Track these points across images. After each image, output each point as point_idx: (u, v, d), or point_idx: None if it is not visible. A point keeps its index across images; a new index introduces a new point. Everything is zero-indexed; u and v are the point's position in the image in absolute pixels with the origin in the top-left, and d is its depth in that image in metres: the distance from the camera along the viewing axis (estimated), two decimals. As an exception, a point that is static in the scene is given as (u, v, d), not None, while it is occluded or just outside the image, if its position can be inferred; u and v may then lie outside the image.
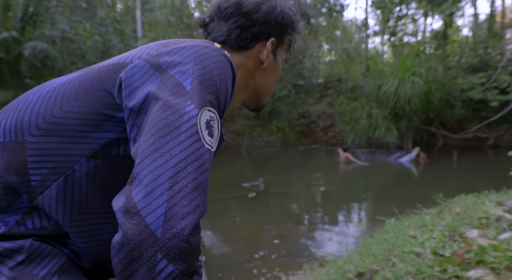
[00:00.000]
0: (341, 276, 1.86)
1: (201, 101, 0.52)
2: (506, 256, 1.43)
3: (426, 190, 4.79)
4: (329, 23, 19.23)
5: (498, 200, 2.64)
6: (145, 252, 0.41)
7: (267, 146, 14.57)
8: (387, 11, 14.29)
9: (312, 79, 15.73)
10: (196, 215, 0.44)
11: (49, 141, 0.55)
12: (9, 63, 10.68)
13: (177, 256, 0.42)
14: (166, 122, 0.48)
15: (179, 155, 0.46)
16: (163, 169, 0.44)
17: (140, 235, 0.41)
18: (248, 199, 5.80)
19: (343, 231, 4.46)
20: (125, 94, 0.55)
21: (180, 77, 0.53)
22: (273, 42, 0.75)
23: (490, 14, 15.57)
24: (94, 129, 0.56)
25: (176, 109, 0.49)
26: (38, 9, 11.34)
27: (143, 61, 0.57)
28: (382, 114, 12.60)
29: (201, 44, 0.60)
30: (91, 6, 13.58)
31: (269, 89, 0.81)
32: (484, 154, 11.89)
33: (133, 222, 0.42)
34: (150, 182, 0.44)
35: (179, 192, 0.44)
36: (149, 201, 0.42)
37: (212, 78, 0.55)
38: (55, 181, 0.55)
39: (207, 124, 0.51)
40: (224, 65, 0.59)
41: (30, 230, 0.55)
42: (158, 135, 0.47)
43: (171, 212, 0.42)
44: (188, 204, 0.44)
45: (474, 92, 11.84)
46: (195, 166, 0.47)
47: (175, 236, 0.42)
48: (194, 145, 0.48)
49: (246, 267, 3.21)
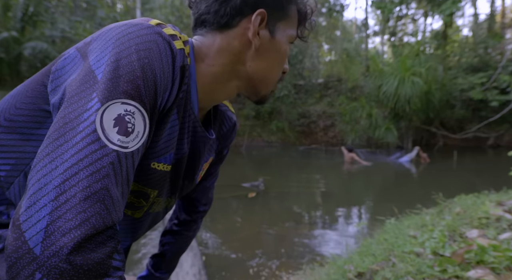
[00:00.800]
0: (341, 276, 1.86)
1: (109, 93, 0.43)
2: (506, 256, 1.43)
3: (426, 190, 4.79)
4: (329, 23, 19.21)
5: (498, 200, 2.64)
6: (22, 271, 0.36)
7: (267, 146, 14.57)
8: (387, 11, 14.30)
9: (312, 79, 15.74)
10: (82, 231, 0.37)
11: (8, 138, 0.55)
12: (9, 63, 10.69)
13: (58, 276, 0.35)
14: (64, 121, 0.42)
15: (70, 160, 0.39)
16: (51, 177, 0.39)
17: (17, 251, 0.36)
18: (248, 199, 5.80)
19: (343, 231, 4.46)
20: (51, 88, 0.51)
21: (94, 64, 0.46)
22: (261, 14, 0.60)
23: (490, 14, 15.57)
24: (40, 126, 0.54)
25: (79, 105, 0.43)
26: (38, 9, 11.36)
27: (76, 51, 0.52)
28: (382, 114, 12.61)
29: (130, 23, 0.51)
30: (91, 6, 13.59)
31: (267, 75, 0.65)
32: (484, 154, 11.89)
33: (13, 236, 0.37)
34: (35, 192, 0.38)
35: (65, 204, 0.37)
36: (31, 214, 0.37)
37: (130, 63, 0.46)
38: (16, 178, 0.55)
39: (117, 120, 0.43)
40: (154, 45, 0.49)
41: None
42: (53, 137, 0.41)
43: (53, 227, 0.36)
44: (74, 217, 0.37)
45: (474, 92, 11.84)
46: (88, 172, 0.39)
47: (54, 255, 0.36)
48: (89, 147, 0.40)
49: (246, 267, 3.21)
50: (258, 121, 15.08)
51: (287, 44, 0.65)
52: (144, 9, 16.35)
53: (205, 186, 0.93)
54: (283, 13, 0.63)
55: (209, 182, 0.93)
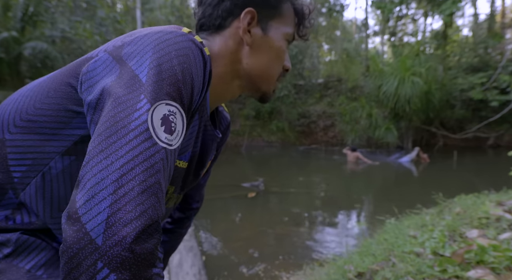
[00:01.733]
0: (341, 276, 1.86)
1: (156, 95, 0.47)
2: (506, 256, 1.43)
3: (426, 190, 4.79)
4: (329, 23, 19.23)
5: (498, 200, 2.64)
6: (84, 261, 0.38)
7: (267, 146, 14.57)
8: (387, 11, 14.30)
9: (312, 79, 15.75)
10: (141, 221, 0.40)
11: (25, 138, 0.55)
12: (9, 63, 10.68)
13: (119, 265, 0.38)
14: (114, 120, 0.44)
15: (126, 156, 0.42)
16: (107, 172, 0.41)
17: (79, 242, 0.38)
18: (248, 199, 5.80)
19: (343, 231, 4.46)
20: (84, 88, 0.53)
21: (137, 69, 0.49)
22: (250, 12, 0.64)
23: (490, 14, 15.58)
24: (64, 126, 0.55)
25: (127, 105, 0.45)
26: (38, 9, 11.35)
27: (107, 54, 0.54)
28: (382, 114, 12.61)
29: (165, 29, 0.54)
30: (91, 6, 13.58)
31: (265, 71, 0.68)
32: (484, 154, 11.89)
33: (73, 229, 0.39)
34: (93, 186, 0.40)
35: (124, 197, 0.40)
36: (90, 207, 0.39)
37: (172, 68, 0.49)
38: (33, 178, 0.55)
39: (163, 119, 0.46)
40: (189, 51, 0.53)
41: (18, 225, 0.55)
42: (105, 135, 0.43)
43: (114, 218, 0.39)
44: (133, 209, 0.40)
45: (474, 92, 11.85)
46: (143, 167, 0.42)
47: (117, 244, 0.38)
48: (143, 144, 0.43)
49: (246, 267, 3.22)
50: (258, 121, 15.09)
51: (282, 41, 0.68)
52: (144, 9, 16.36)
53: (199, 183, 0.95)
54: (275, 12, 0.66)
55: (204, 180, 0.95)
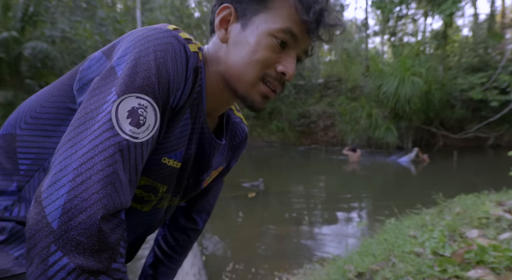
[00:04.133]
0: (341, 276, 1.86)
1: (125, 87, 0.48)
2: (506, 256, 1.43)
3: (426, 190, 4.79)
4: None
5: (498, 200, 2.64)
6: (39, 242, 0.40)
7: (267, 146, 14.57)
8: (387, 11, 14.29)
9: (312, 79, 15.74)
10: (94, 210, 0.41)
11: (31, 134, 0.59)
12: (9, 63, 10.68)
13: (73, 248, 0.40)
14: (85, 111, 0.47)
15: (88, 145, 0.44)
16: (70, 160, 0.43)
17: (37, 224, 0.41)
18: (248, 199, 5.80)
19: (343, 231, 4.46)
20: (79, 86, 0.56)
21: (115, 62, 0.51)
22: (224, 8, 0.62)
23: (490, 14, 15.58)
24: (61, 123, 0.58)
25: (99, 97, 0.48)
26: (38, 9, 11.35)
27: (101, 52, 0.57)
28: (382, 114, 12.61)
29: (150, 27, 0.56)
30: (91, 6, 13.58)
31: (239, 69, 0.60)
32: (484, 154, 11.89)
33: (35, 211, 0.42)
34: (56, 172, 0.43)
35: (81, 184, 0.42)
36: (51, 192, 0.42)
37: (147, 62, 0.50)
38: (36, 171, 0.59)
39: (131, 112, 0.47)
40: (170, 46, 0.53)
41: (14, 217, 0.57)
42: (75, 125, 0.46)
43: (70, 205, 0.41)
44: (89, 197, 0.42)
45: (474, 92, 11.85)
46: (102, 157, 0.44)
47: (72, 229, 0.40)
48: (104, 135, 0.45)
49: (246, 267, 3.21)
50: (258, 121, 15.09)
51: (263, 36, 0.59)
52: (144, 9, 16.36)
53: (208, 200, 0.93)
54: (260, 5, 0.60)
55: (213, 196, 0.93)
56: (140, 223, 0.71)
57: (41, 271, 0.40)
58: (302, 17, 0.58)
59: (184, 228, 0.94)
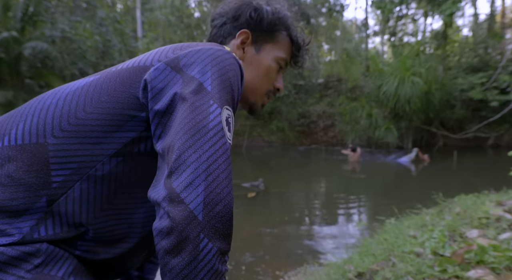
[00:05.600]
0: (341, 276, 1.86)
1: (221, 101, 0.57)
2: (506, 256, 1.43)
3: (426, 190, 4.79)
4: (329, 23, 19.23)
5: (498, 200, 2.64)
6: (191, 233, 0.48)
7: (267, 146, 14.57)
8: (387, 11, 14.29)
9: (312, 79, 15.73)
10: (228, 200, 0.51)
11: (72, 142, 0.57)
12: (9, 63, 10.67)
13: (214, 235, 0.50)
14: (195, 121, 0.54)
15: (209, 150, 0.53)
16: (198, 163, 0.51)
17: (186, 219, 0.48)
18: (248, 199, 5.80)
19: (343, 231, 4.46)
20: (151, 96, 0.58)
21: (200, 78, 0.58)
22: (244, 33, 0.78)
23: (490, 14, 15.58)
24: (117, 129, 0.59)
25: (202, 109, 0.55)
26: (38, 9, 11.33)
27: (164, 64, 0.61)
28: (382, 114, 12.61)
29: (214, 47, 0.64)
30: (91, 6, 13.57)
31: (252, 83, 0.79)
32: (484, 154, 11.90)
33: (179, 209, 0.49)
34: (189, 175, 0.50)
35: (213, 182, 0.51)
36: (190, 191, 0.49)
37: (228, 79, 0.60)
38: (77, 181, 0.57)
39: (226, 121, 0.57)
40: (235, 67, 0.63)
41: (43, 237, 0.55)
42: (190, 134, 0.53)
43: (208, 199, 0.50)
44: (221, 191, 0.51)
45: (474, 92, 11.85)
46: (223, 158, 0.53)
47: (213, 218, 0.49)
48: (221, 141, 0.54)
49: (246, 267, 3.22)
50: (258, 121, 15.08)
51: (272, 62, 0.79)
52: (144, 9, 16.38)
53: None
54: (270, 37, 0.79)
55: None
56: None
57: (194, 256, 0.48)
58: (295, 53, 0.82)
59: None
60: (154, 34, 13.99)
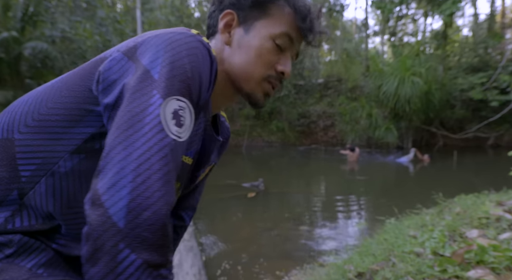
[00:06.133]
0: (341, 276, 1.86)
1: (168, 91, 0.50)
2: (506, 256, 1.43)
3: (426, 190, 4.79)
4: (329, 23, 19.21)
5: (498, 200, 2.64)
6: (107, 242, 0.42)
7: (267, 146, 14.57)
8: (387, 11, 14.30)
9: (312, 79, 15.74)
10: (158, 206, 0.44)
11: (35, 137, 0.57)
12: (9, 63, 10.68)
13: (139, 245, 0.42)
14: (131, 114, 0.48)
15: (142, 147, 0.46)
16: (126, 162, 0.45)
17: (103, 225, 0.42)
18: (248, 199, 5.80)
19: (343, 231, 4.46)
20: (102, 87, 0.55)
21: (148, 65, 0.52)
22: (227, 14, 0.67)
23: (490, 14, 15.58)
24: (75, 124, 0.56)
25: (142, 100, 0.49)
26: (38, 9, 11.34)
27: (121, 54, 0.57)
28: (382, 114, 12.61)
29: (175, 31, 0.58)
30: (91, 6, 13.58)
31: (243, 69, 0.66)
32: (484, 154, 11.90)
33: (97, 213, 0.43)
34: (114, 175, 0.45)
35: (142, 184, 0.44)
36: (112, 193, 0.43)
37: (182, 66, 0.53)
38: (43, 177, 0.56)
39: (174, 113, 0.50)
40: (198, 51, 0.56)
41: (18, 228, 0.56)
42: (123, 128, 0.48)
43: (134, 204, 0.43)
44: (151, 195, 0.44)
45: (474, 92, 11.85)
46: (158, 157, 0.46)
47: (138, 226, 0.43)
48: (157, 136, 0.47)
49: (246, 267, 3.22)
50: (258, 121, 15.08)
51: (266, 40, 0.65)
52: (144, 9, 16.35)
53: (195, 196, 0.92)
54: (260, 12, 0.66)
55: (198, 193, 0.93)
56: None
57: (110, 268, 0.42)
58: (298, 24, 0.66)
59: (173, 226, 0.94)
60: (154, 34, 13.95)
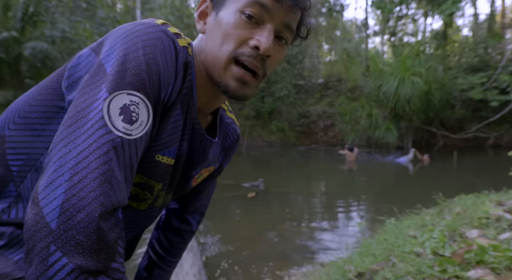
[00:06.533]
0: (341, 276, 1.86)
1: (116, 84, 0.47)
2: (506, 256, 1.43)
3: (426, 190, 4.78)
4: (329, 23, 19.22)
5: (498, 200, 2.64)
6: (38, 243, 0.40)
7: (267, 146, 14.57)
8: (387, 11, 14.30)
9: (312, 79, 15.74)
10: (92, 208, 0.41)
11: (20, 134, 0.58)
12: (9, 63, 10.67)
13: (73, 248, 0.40)
14: (76, 110, 0.46)
15: (82, 144, 0.44)
16: (65, 160, 0.43)
17: (35, 225, 0.41)
18: (248, 199, 5.80)
19: (343, 231, 4.46)
20: (67, 84, 0.55)
21: (103, 59, 0.50)
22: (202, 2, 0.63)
23: (490, 14, 15.58)
24: (50, 121, 0.57)
25: (89, 95, 0.47)
26: (38, 9, 11.33)
27: (89, 49, 0.56)
28: (382, 114, 12.61)
29: (138, 22, 0.55)
30: (91, 6, 13.58)
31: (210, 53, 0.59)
32: (484, 154, 11.90)
33: (32, 212, 0.41)
34: (51, 173, 0.43)
35: (78, 183, 0.42)
36: (48, 192, 0.42)
37: (136, 58, 0.50)
38: (29, 172, 0.57)
39: (123, 109, 0.47)
40: (158, 41, 0.52)
41: (12, 219, 0.56)
42: (66, 124, 0.46)
43: (68, 204, 0.41)
44: (86, 196, 0.42)
45: (474, 92, 11.86)
46: (96, 155, 0.44)
47: (71, 228, 0.40)
48: (97, 132, 0.45)
49: (246, 267, 3.21)
50: (258, 121, 15.08)
51: (233, 13, 0.57)
52: (144, 9, 16.35)
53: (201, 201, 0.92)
54: None
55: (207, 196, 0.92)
56: (136, 221, 0.70)
57: (40, 271, 0.40)
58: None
59: (178, 229, 0.93)
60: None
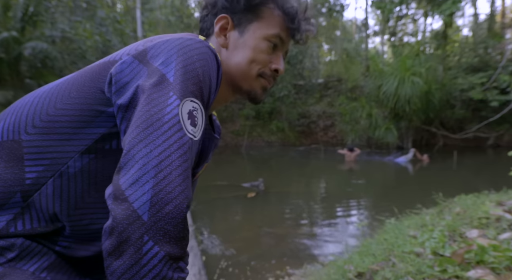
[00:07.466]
0: (341, 276, 1.86)
1: (183, 92, 0.53)
2: (506, 256, 1.43)
3: (426, 190, 4.79)
4: (329, 23, 19.22)
5: (498, 200, 2.64)
6: (133, 234, 0.44)
7: (267, 146, 14.56)
8: (387, 11, 14.29)
9: (312, 79, 15.74)
10: (180, 200, 0.47)
11: (44, 138, 0.57)
12: (9, 63, 10.66)
13: (162, 238, 0.45)
14: (149, 114, 0.51)
15: (162, 145, 0.49)
16: (148, 159, 0.47)
17: (128, 219, 0.44)
18: (248, 199, 5.80)
19: (343, 231, 4.46)
20: (115, 89, 0.57)
21: (163, 69, 0.55)
22: (222, 18, 0.71)
23: (490, 14, 15.57)
24: (86, 125, 0.57)
25: (159, 101, 0.52)
26: (38, 9, 11.33)
27: (131, 57, 0.59)
28: (382, 114, 12.61)
29: (185, 36, 0.62)
30: (91, 6, 13.57)
31: (240, 69, 0.70)
32: (484, 154, 11.89)
33: (121, 208, 0.45)
34: (136, 171, 0.47)
35: (164, 180, 0.46)
36: (136, 188, 0.46)
37: (194, 70, 0.56)
38: (50, 178, 0.56)
39: (189, 114, 0.53)
40: (207, 56, 0.60)
41: (20, 231, 0.55)
42: (142, 127, 0.50)
43: (156, 198, 0.45)
44: (172, 190, 0.46)
45: (474, 92, 11.85)
46: (178, 154, 0.49)
47: (161, 220, 0.45)
48: (176, 135, 0.50)
49: (246, 267, 3.21)
50: (258, 121, 15.08)
51: (260, 41, 0.70)
52: (144, 9, 16.35)
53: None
54: (253, 15, 0.70)
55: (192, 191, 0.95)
56: None
57: (135, 260, 0.44)
58: (288, 25, 0.71)
59: None
60: (154, 34, 13.98)
